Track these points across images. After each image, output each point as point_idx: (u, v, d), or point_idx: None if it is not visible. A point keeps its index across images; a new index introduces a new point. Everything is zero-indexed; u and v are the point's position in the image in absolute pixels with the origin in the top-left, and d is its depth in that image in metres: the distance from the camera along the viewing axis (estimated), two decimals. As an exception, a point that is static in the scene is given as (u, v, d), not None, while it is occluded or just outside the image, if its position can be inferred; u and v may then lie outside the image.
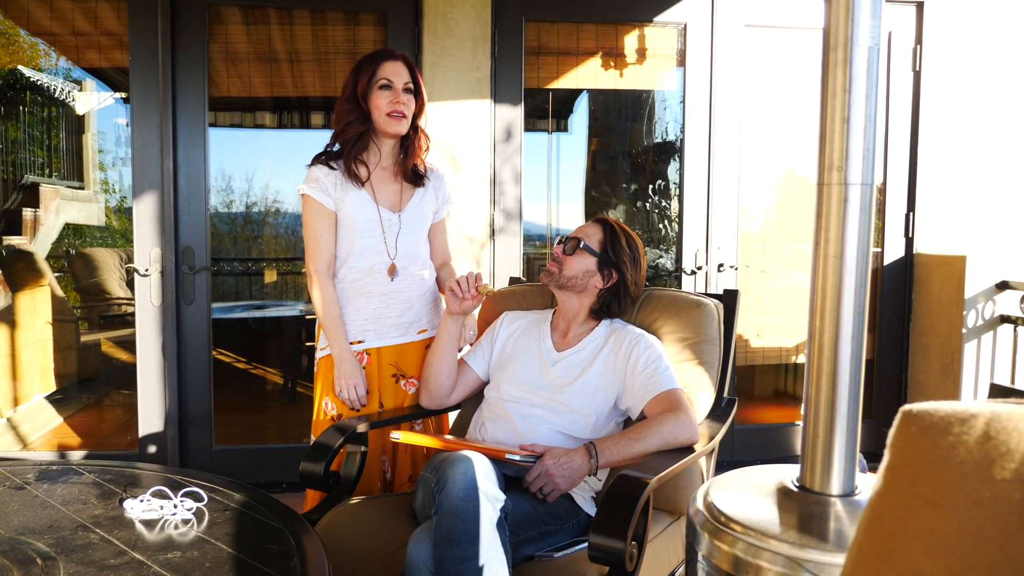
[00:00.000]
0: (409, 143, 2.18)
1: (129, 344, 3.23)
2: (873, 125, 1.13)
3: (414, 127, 2.18)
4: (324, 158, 2.14)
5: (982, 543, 0.57)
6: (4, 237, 4.50)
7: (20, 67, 4.67)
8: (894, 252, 3.66)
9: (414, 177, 2.20)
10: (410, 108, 2.12)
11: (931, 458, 0.64)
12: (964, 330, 3.34)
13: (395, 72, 2.10)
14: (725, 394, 2.06)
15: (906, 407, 0.69)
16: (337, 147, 2.16)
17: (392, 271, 2.13)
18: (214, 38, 3.25)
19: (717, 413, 1.98)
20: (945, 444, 0.63)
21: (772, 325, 3.75)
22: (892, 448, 0.68)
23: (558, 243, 2.04)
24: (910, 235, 3.65)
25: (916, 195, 3.61)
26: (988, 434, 0.61)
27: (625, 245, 1.99)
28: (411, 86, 2.13)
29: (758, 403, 4.09)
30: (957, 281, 3.37)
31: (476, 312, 2.30)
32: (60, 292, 4.34)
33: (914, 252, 3.65)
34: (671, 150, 3.86)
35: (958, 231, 3.65)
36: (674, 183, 3.76)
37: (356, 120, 2.11)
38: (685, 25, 3.44)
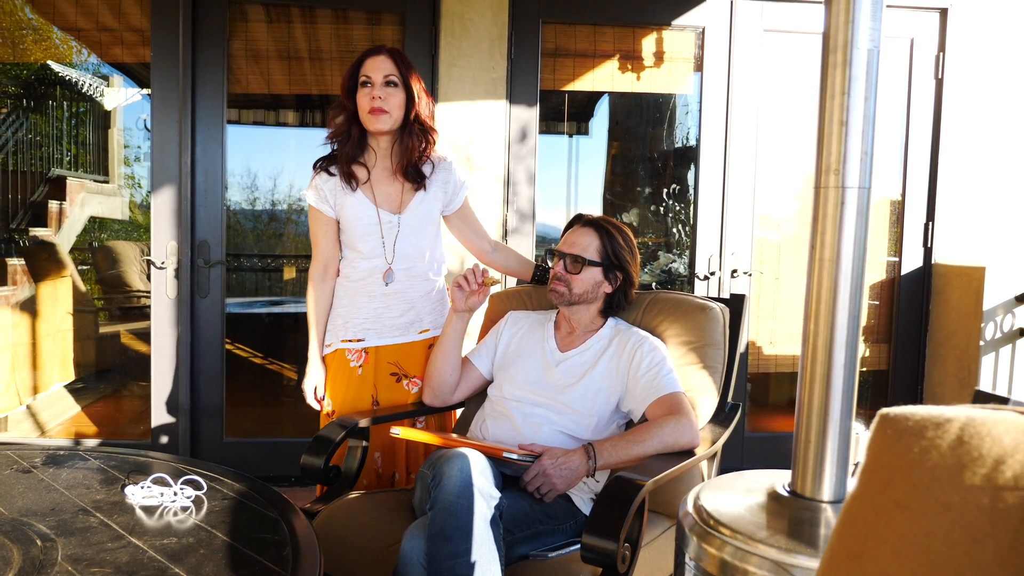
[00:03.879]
0: (405, 138, 2.08)
1: (147, 336, 3.28)
2: (871, 128, 1.12)
3: (408, 122, 2.07)
4: (325, 163, 2.12)
5: (949, 548, 0.57)
6: (30, 229, 4.59)
7: (50, 63, 4.76)
8: (912, 262, 3.61)
9: (416, 176, 2.10)
10: (392, 102, 2.01)
11: (904, 461, 0.64)
12: (982, 342, 3.29)
13: (374, 67, 2.02)
14: (729, 399, 2.04)
15: (884, 410, 0.69)
16: (335, 146, 2.13)
17: (386, 275, 2.11)
18: (236, 35, 3.29)
19: (720, 418, 1.97)
20: (919, 448, 0.63)
21: (786, 333, 3.71)
22: (868, 451, 0.68)
23: (555, 259, 2.00)
24: (929, 245, 3.59)
25: (936, 204, 3.55)
26: (961, 439, 0.61)
27: (622, 242, 1.98)
28: (394, 79, 2.03)
29: (771, 411, 4.05)
30: (976, 293, 3.31)
31: (483, 308, 2.30)
32: (81, 284, 4.42)
33: (932, 262, 3.59)
34: (691, 155, 3.84)
35: (978, 242, 3.58)
36: (692, 188, 3.74)
37: (344, 119, 2.08)
38: (703, 29, 3.42)
